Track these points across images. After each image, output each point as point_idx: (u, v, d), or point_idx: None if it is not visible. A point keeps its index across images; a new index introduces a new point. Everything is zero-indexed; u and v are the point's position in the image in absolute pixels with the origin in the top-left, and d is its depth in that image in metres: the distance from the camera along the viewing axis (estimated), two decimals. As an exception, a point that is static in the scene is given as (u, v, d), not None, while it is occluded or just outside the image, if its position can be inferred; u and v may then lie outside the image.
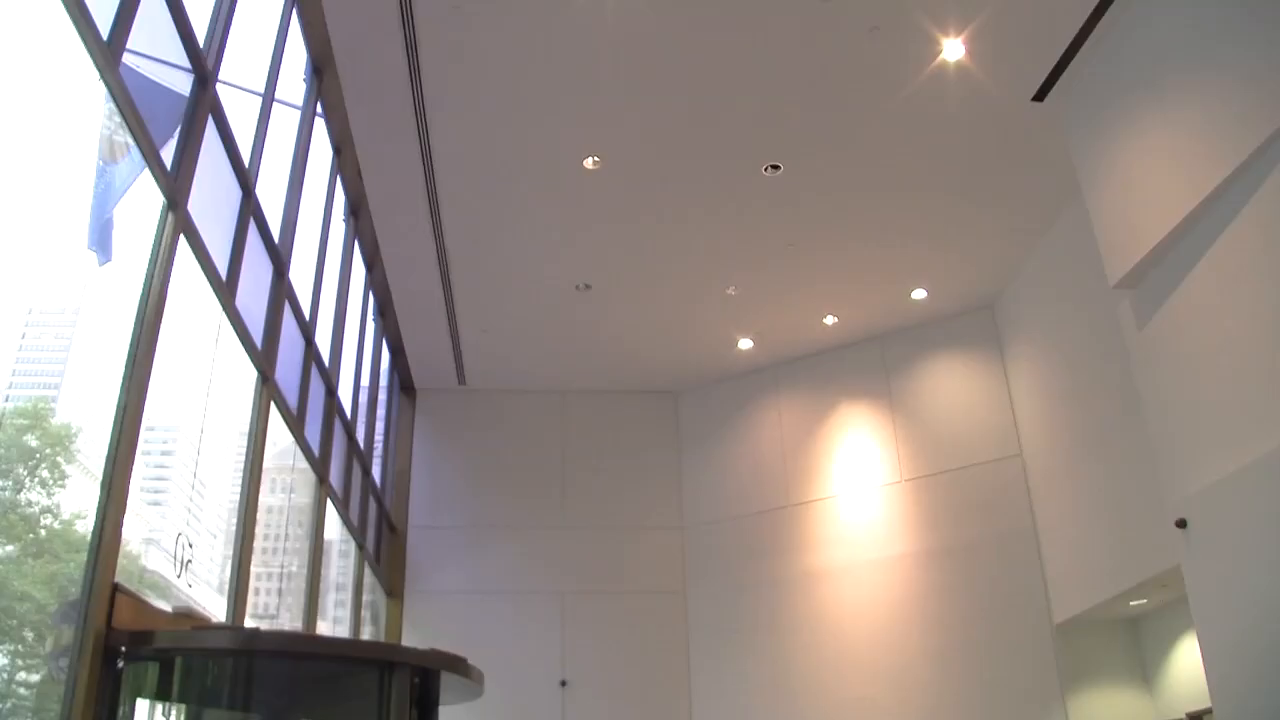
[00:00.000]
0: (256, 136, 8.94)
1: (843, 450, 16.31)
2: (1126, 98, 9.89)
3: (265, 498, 8.83)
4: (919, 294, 15.19)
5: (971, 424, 15.31)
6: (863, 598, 15.32)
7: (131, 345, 6.13)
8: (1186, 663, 12.66)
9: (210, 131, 7.52)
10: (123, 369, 6.08)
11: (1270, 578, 8.56)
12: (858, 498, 15.91)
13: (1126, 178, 9.94)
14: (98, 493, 5.82)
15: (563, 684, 15.96)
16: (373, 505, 14.54)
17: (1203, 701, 10.85)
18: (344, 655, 7.46)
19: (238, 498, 8.44)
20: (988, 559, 14.49)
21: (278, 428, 9.46)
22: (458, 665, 7.17)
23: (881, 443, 15.98)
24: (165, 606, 6.79)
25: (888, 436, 15.94)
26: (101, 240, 6.02)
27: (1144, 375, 10.22)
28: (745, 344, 16.41)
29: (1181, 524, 9.50)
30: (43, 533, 5.95)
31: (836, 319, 15.77)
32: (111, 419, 5.94)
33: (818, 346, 16.60)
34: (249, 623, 8.48)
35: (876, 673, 14.83)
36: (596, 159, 11.79)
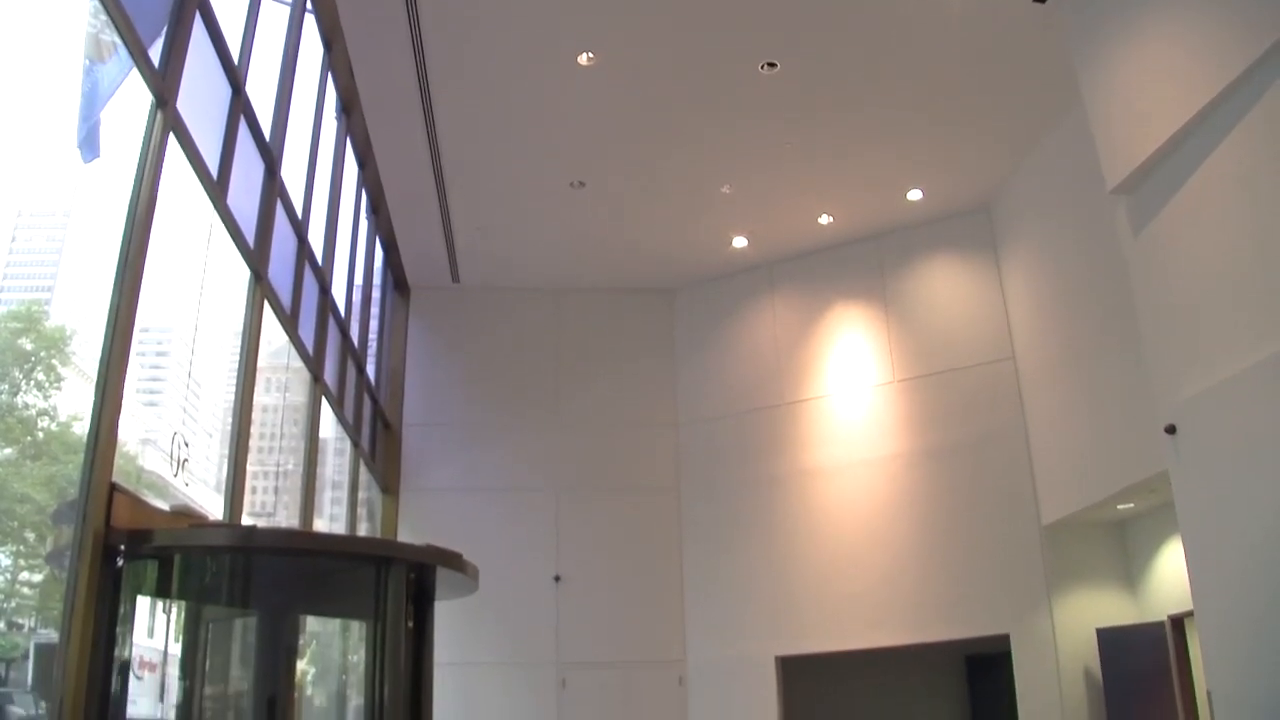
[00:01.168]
0: (246, 32, 8.78)
1: (836, 350, 16.34)
2: (1129, 2, 9.74)
3: (260, 397, 8.86)
4: (915, 195, 15.09)
5: (965, 326, 15.34)
6: (854, 497, 15.49)
7: (123, 246, 6.09)
8: (1170, 567, 12.87)
9: (198, 28, 7.39)
10: (114, 270, 6.05)
11: (1257, 485, 8.65)
12: (851, 397, 15.99)
13: (1127, 83, 9.82)
14: (93, 394, 5.84)
15: (557, 579, 16.19)
16: (367, 403, 14.59)
17: (1185, 605, 11.07)
18: (340, 551, 7.55)
19: (233, 397, 8.46)
20: (978, 460, 14.63)
21: (272, 327, 9.44)
22: (453, 561, 7.25)
23: (875, 343, 16.01)
24: (163, 506, 6.85)
25: (881, 337, 15.97)
26: (89, 140, 5.94)
27: (1138, 281, 10.21)
28: (740, 243, 16.34)
29: (1171, 430, 9.57)
30: (40, 435, 5.98)
31: (832, 219, 15.68)
32: (105, 320, 5.93)
33: (813, 246, 16.52)
34: (246, 521, 8.56)
35: (867, 570, 15.05)
36: (591, 55, 11.61)
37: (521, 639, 15.91)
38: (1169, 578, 12.91)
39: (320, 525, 12.08)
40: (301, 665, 8.83)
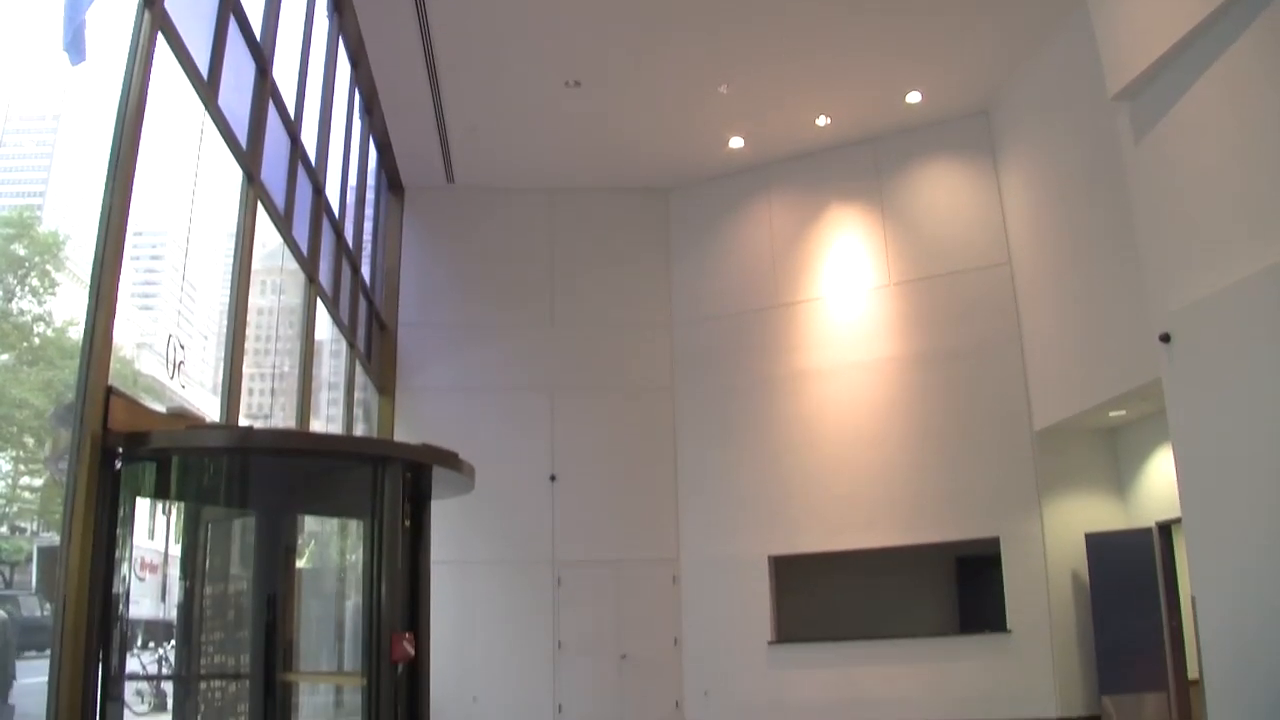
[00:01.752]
0: (234, -73, 8.58)
1: (832, 252, 16.29)
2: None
3: (255, 299, 8.83)
4: (914, 97, 14.90)
5: (961, 231, 15.28)
6: (848, 399, 15.57)
7: (113, 149, 6.02)
8: (1159, 474, 13.00)
9: (184, -78, 7.21)
10: (105, 174, 5.98)
11: (1248, 395, 8.70)
12: (845, 300, 15.98)
13: (1132, -14, 9.67)
14: (87, 298, 5.82)
15: (552, 478, 16.33)
16: (363, 304, 14.55)
17: (1172, 512, 11.18)
18: (337, 451, 7.56)
19: (228, 300, 8.43)
20: (972, 365, 14.69)
21: (265, 228, 9.37)
22: (449, 460, 7.28)
23: (871, 246, 15.95)
24: (160, 408, 6.86)
25: (877, 240, 15.91)
26: (75, 42, 5.82)
27: (1138, 188, 10.15)
28: (736, 143, 16.18)
29: (1165, 338, 9.59)
30: (36, 340, 5.96)
31: (829, 120, 15.50)
32: (97, 224, 5.88)
33: (810, 147, 16.36)
34: (243, 422, 8.60)
35: (860, 472, 15.19)
36: (587, -49, 11.38)
37: (518, 538, 16.10)
38: (1158, 485, 13.05)
39: (317, 426, 12.12)
40: (300, 564, 8.92)
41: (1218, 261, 8.94)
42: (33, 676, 6.34)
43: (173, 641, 7.50)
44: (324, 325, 12.34)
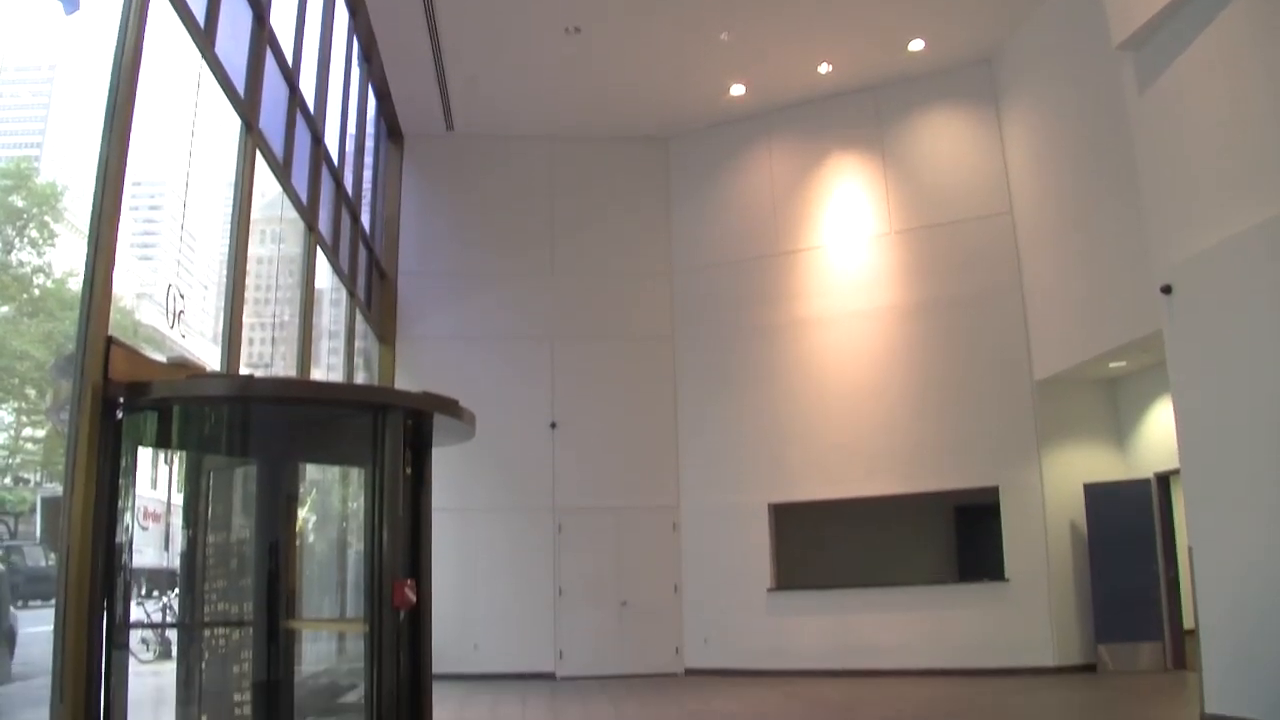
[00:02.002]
0: None
1: (832, 200, 16.24)
2: None
3: (255, 248, 8.80)
4: (917, 45, 14.78)
5: (963, 179, 15.22)
6: (848, 347, 15.58)
7: (110, 99, 5.97)
8: (1158, 425, 13.04)
9: None
10: (102, 123, 5.94)
11: (1248, 347, 8.72)
12: (846, 248, 15.95)
13: (1138, -68, 9.55)
14: (86, 249, 5.80)
15: (553, 426, 16.39)
16: (363, 252, 14.52)
17: (1171, 463, 11.23)
18: (337, 399, 7.55)
19: (227, 249, 8.40)
20: (972, 314, 14.68)
21: (264, 177, 9.32)
22: (449, 407, 7.26)
23: (872, 194, 15.90)
24: (160, 358, 6.86)
25: (878, 188, 15.85)
26: (68, -13, 5.77)
27: (1141, 139, 10.10)
28: (737, 90, 16.06)
29: (1167, 290, 9.59)
30: (36, 292, 5.95)
31: (831, 67, 15.38)
32: (95, 175, 5.85)
33: (811, 95, 16.25)
34: (243, 371, 8.60)
35: (860, 421, 15.24)
36: (587, -107, 11.23)
37: (519, 485, 16.19)
38: (1157, 436, 13.10)
39: (317, 375, 12.13)
40: (302, 513, 8.96)
41: (1220, 214, 8.92)
42: (38, 625, 6.40)
43: (176, 590, 7.55)
44: (324, 274, 12.32)
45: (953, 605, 14.47)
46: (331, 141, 12.48)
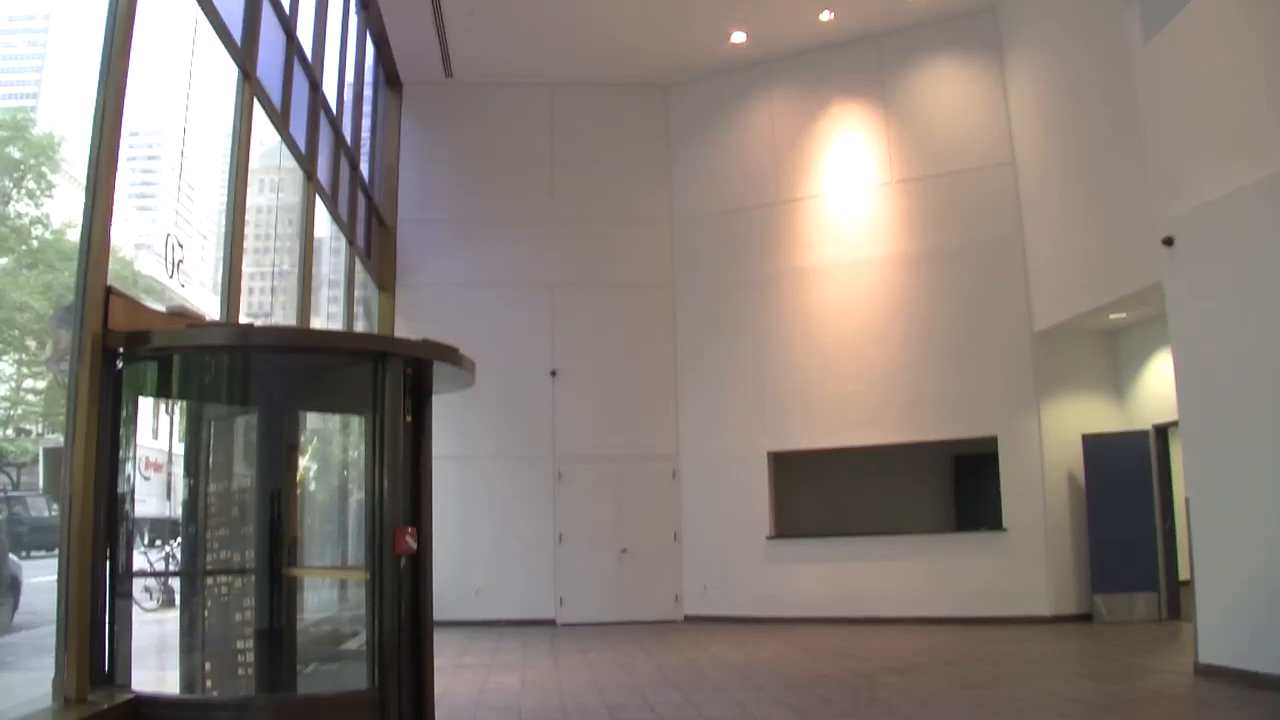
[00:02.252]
0: None
1: (833, 149, 16.16)
2: None
3: (254, 198, 8.76)
4: (920, -10, 14.66)
5: (965, 129, 15.13)
6: (848, 297, 15.58)
7: (105, 48, 5.92)
8: (1157, 378, 13.06)
9: None
10: (98, 72, 5.90)
11: (1249, 301, 8.72)
12: (846, 197, 15.90)
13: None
14: (84, 199, 5.78)
15: (553, 374, 16.42)
16: (362, 201, 14.47)
17: (1169, 415, 11.27)
18: (337, 347, 7.56)
19: (226, 199, 8.37)
20: (973, 265, 14.65)
21: (262, 126, 9.27)
22: (449, 355, 7.26)
23: (873, 143, 15.82)
24: (160, 308, 6.86)
25: (879, 137, 15.76)
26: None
27: (1145, 91, 10.04)
28: (738, 38, 15.92)
29: (1168, 242, 9.57)
30: (35, 243, 5.93)
31: (833, 15, 15.23)
32: (91, 124, 5.81)
33: (812, 43, 16.11)
34: (243, 321, 8.60)
35: (859, 370, 15.26)
36: None
37: (519, 433, 16.26)
38: (1156, 388, 13.12)
39: (317, 324, 12.14)
40: (303, 462, 8.99)
41: (1224, 167, 8.88)
42: (42, 575, 6.45)
43: (179, 538, 7.60)
44: (323, 223, 12.29)
45: (950, 554, 14.57)
46: (330, 90, 12.40)
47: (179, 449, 7.36)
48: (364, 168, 14.82)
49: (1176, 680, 9.23)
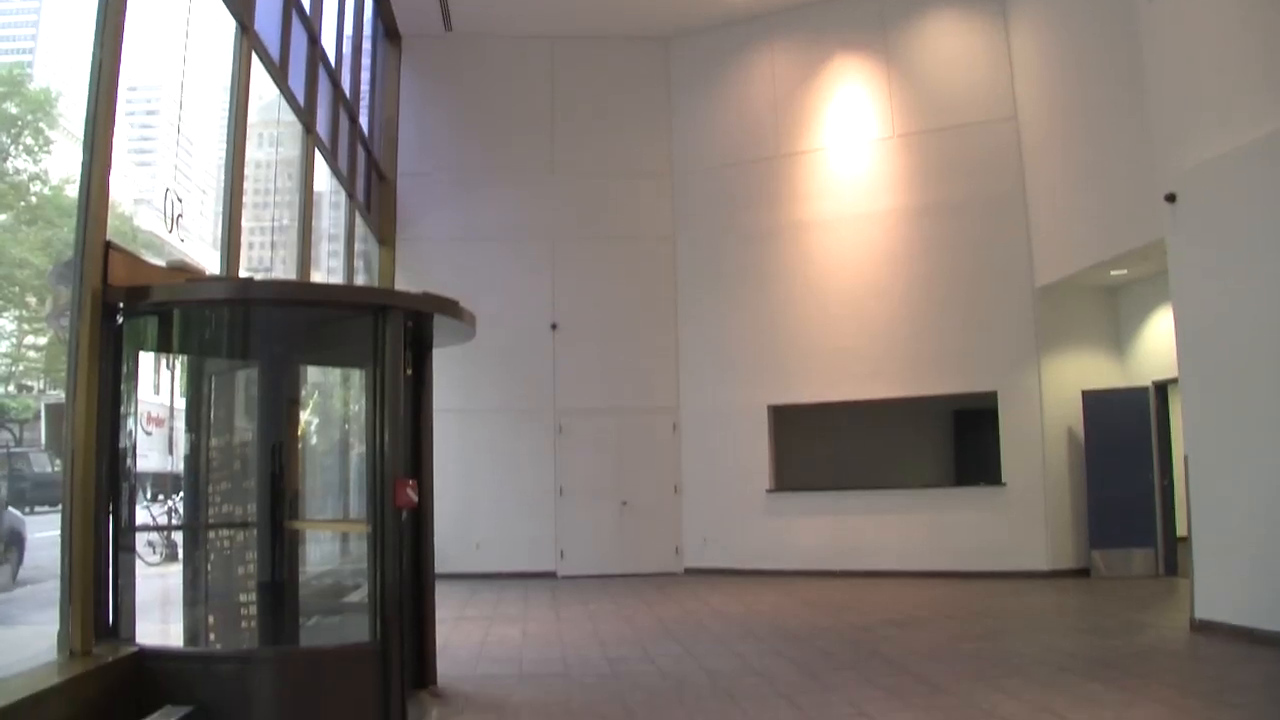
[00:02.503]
0: None
1: (834, 103, 16.04)
2: None
3: (253, 152, 8.72)
4: (924, -57, 14.50)
5: (968, 84, 15.00)
6: (850, 251, 15.53)
7: (101, 1, 5.87)
8: (1158, 334, 13.04)
9: None
10: (94, 27, 5.85)
11: (1250, 258, 8.70)
12: (848, 151, 15.81)
13: None
14: (82, 154, 5.75)
15: (554, 327, 16.42)
16: (361, 154, 14.40)
17: (1169, 372, 11.27)
18: (337, 301, 7.55)
19: (225, 153, 8.32)
20: (974, 220, 14.60)
21: (261, 80, 9.20)
22: (450, 308, 7.27)
23: (875, 97, 15.70)
24: (159, 263, 6.85)
25: (881, 91, 15.64)
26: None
27: (1149, 46, 9.96)
28: (739, -10, 15.83)
29: (1171, 198, 9.54)
30: (33, 199, 5.91)
31: (836, -33, 15.08)
32: (88, 79, 5.77)
33: (815, -4, 16.01)
34: (243, 275, 8.59)
35: (860, 324, 15.25)
36: None
37: (519, 386, 16.28)
38: (1156, 345, 13.12)
39: (317, 278, 12.12)
40: (304, 416, 9.02)
41: (1227, 123, 8.83)
42: (46, 530, 6.49)
43: (181, 493, 7.64)
44: (323, 177, 12.24)
45: (950, 509, 14.63)
46: (329, 43, 12.31)
47: (180, 404, 7.38)
48: (363, 121, 14.74)
49: (1173, 635, 9.30)
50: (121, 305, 6.20)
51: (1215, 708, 6.53)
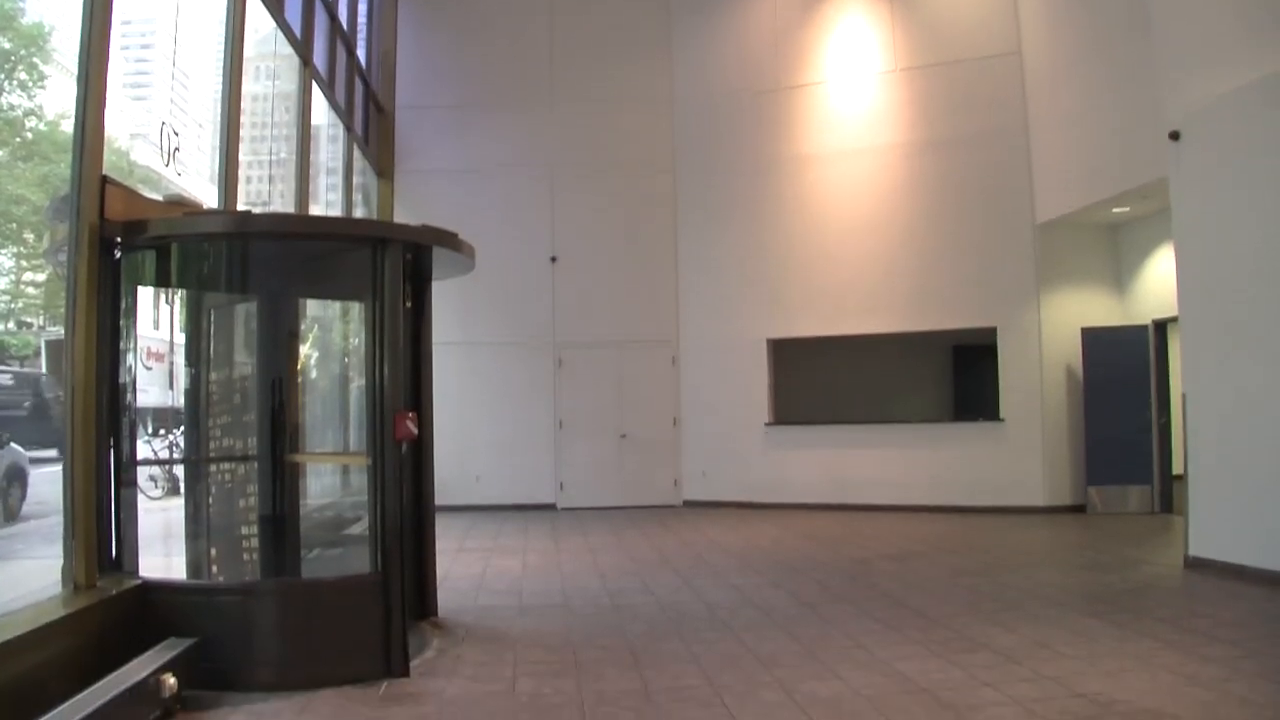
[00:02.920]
0: None
1: (837, 35, 15.84)
2: None
3: (250, 85, 8.63)
4: None
5: (972, 17, 14.80)
6: (850, 185, 15.44)
7: (95, -69, 5.80)
8: (1158, 273, 13.02)
9: None
10: (87, -44, 5.79)
11: (1254, 197, 8.66)
12: (850, 85, 15.64)
13: None
14: (76, 89, 5.70)
15: (553, 260, 16.38)
16: (359, 87, 14.26)
17: (1169, 311, 11.27)
18: (336, 234, 7.50)
19: (221, 87, 8.24)
20: (976, 155, 14.49)
21: (257, 11, 9.08)
22: (449, 240, 7.23)
23: (878, 30, 15.50)
24: (157, 198, 6.82)
25: (884, 24, 15.45)
26: None
27: (1156, -21, 9.84)
28: (743, -84, 15.57)
29: (1175, 136, 9.47)
30: (29, 135, 5.87)
31: (841, -106, 14.83)
32: (81, 12, 5.71)
33: (818, -77, 15.76)
34: (241, 209, 8.55)
35: (859, 258, 15.20)
36: None
37: (519, 319, 16.29)
38: (1156, 283, 13.10)
39: (316, 211, 12.06)
40: (304, 349, 9.03)
41: (1234, 61, 8.75)
42: (48, 466, 6.52)
43: (182, 427, 7.67)
44: (320, 110, 12.12)
45: (948, 444, 14.69)
46: (325, -28, 12.14)
47: (180, 338, 7.39)
48: (361, 53, 14.57)
49: (1167, 572, 9.39)
50: (119, 240, 6.19)
51: (1208, 643, 6.62)
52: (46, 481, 6.46)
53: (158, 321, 7.44)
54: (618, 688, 6.03)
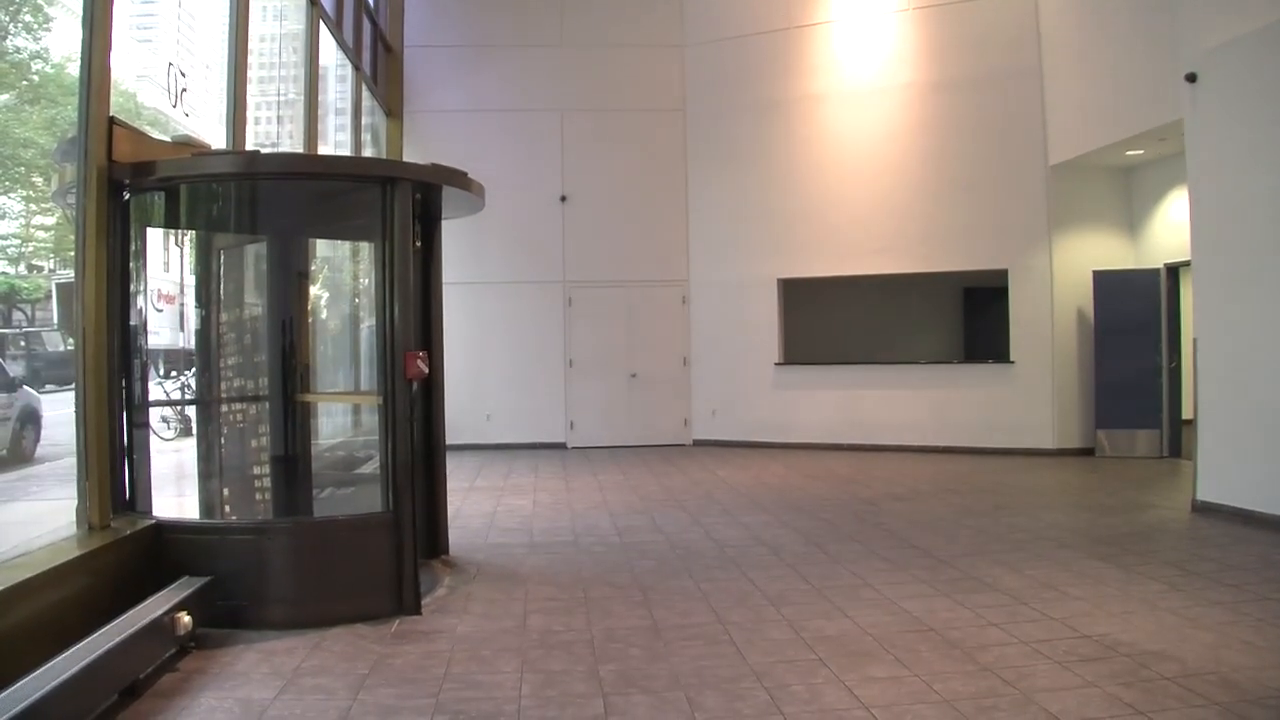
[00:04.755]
0: None
1: (851, -28, 15.65)
2: None
3: (257, 26, 8.56)
4: None
5: (989, -46, 14.60)
6: (863, 125, 15.29)
7: None
8: (1172, 217, 12.92)
9: None
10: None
11: (1270, 141, 8.58)
12: (863, 24, 15.43)
13: None
14: (81, 30, 5.67)
15: (563, 199, 16.32)
16: (367, 26, 14.12)
17: (1181, 255, 11.21)
18: (345, 173, 7.49)
19: (228, 27, 8.19)
20: (989, 96, 14.32)
21: (263, -52, 9.02)
22: (458, 179, 7.22)
23: (893, -34, 15.31)
24: (164, 139, 6.81)
25: (900, -40, 15.25)
26: None
27: (1175, -80, 9.68)
28: None
29: (1191, 78, 9.37)
30: (35, 78, 5.84)
31: None
32: (87, -48, 5.68)
33: None
34: (250, 149, 8.53)
35: (871, 199, 15.10)
36: None
37: (529, 259, 16.25)
38: (1169, 227, 13.01)
39: (325, 151, 12.01)
40: (314, 289, 9.04)
41: (1252, 3, 8.64)
42: (62, 408, 6.58)
43: (194, 368, 7.71)
44: (328, 49, 12.01)
45: (957, 385, 14.70)
46: (332, -93, 11.99)
47: (190, 280, 7.40)
48: (369, -10, 14.42)
49: (1174, 516, 9.43)
50: (127, 181, 6.19)
51: (1213, 587, 6.67)
52: (61, 424, 6.52)
53: (168, 264, 7.46)
54: (627, 624, 6.11)
